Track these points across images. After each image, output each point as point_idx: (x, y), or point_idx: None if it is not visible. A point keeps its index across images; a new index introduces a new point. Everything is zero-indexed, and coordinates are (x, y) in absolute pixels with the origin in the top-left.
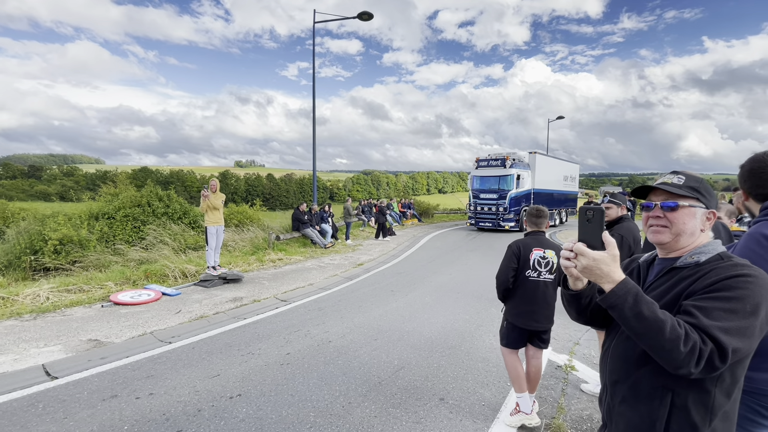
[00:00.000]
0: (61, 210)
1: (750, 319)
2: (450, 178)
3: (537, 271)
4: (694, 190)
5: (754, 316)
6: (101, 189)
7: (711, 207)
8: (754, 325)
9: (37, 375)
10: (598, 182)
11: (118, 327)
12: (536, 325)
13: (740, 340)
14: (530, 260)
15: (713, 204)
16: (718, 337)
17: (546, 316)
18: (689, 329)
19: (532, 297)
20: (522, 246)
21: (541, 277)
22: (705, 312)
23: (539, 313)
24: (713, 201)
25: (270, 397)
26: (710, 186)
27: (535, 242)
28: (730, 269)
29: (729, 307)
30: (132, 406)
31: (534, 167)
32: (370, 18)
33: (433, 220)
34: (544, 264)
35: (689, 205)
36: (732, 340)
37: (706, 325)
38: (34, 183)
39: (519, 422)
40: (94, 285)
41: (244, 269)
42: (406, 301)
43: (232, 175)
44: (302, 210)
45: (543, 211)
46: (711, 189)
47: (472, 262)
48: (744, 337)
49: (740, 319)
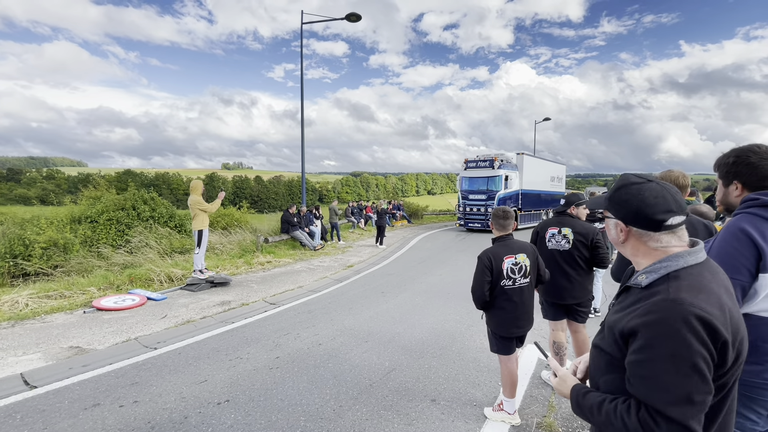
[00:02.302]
0: (41, 214)
1: (681, 377)
2: (439, 180)
3: (512, 279)
4: (607, 200)
5: (687, 372)
6: (82, 192)
7: (619, 217)
8: (689, 382)
9: (16, 384)
10: (584, 182)
11: (101, 333)
12: (518, 331)
13: (688, 406)
14: (503, 270)
15: (623, 214)
16: (668, 414)
17: (527, 320)
18: (631, 409)
19: (512, 305)
20: (492, 256)
21: (516, 284)
22: (634, 378)
23: (520, 318)
24: (623, 211)
25: (259, 402)
26: (623, 195)
27: (505, 249)
28: (647, 310)
29: (651, 372)
30: (115, 414)
31: (522, 168)
32: (358, 19)
33: (422, 221)
34: (517, 270)
35: (607, 216)
36: (683, 411)
37: (642, 398)
38: (14, 186)
39: (500, 419)
40: (76, 290)
41: (232, 272)
42: (397, 303)
43: (219, 178)
44: (291, 212)
45: (509, 213)
46: (627, 198)
47: (461, 262)
48: (689, 403)
49: (676, 380)
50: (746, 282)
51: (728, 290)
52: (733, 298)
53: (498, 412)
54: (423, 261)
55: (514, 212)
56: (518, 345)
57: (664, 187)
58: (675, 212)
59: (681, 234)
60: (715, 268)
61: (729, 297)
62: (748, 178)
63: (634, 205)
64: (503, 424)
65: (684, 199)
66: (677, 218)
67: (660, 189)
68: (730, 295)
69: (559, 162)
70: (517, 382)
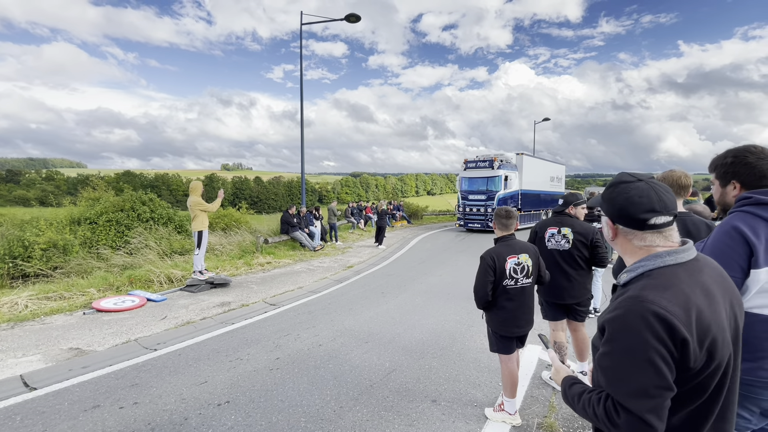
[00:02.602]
0: (40, 215)
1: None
2: (438, 180)
3: (514, 279)
4: (601, 197)
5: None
6: (81, 193)
7: (608, 214)
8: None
9: (15, 386)
10: (583, 183)
11: (100, 335)
12: (519, 331)
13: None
14: (506, 270)
15: (610, 212)
16: (625, 405)
17: (527, 320)
18: (600, 399)
19: (513, 305)
20: (496, 256)
21: (518, 284)
22: (599, 370)
23: (521, 318)
24: (610, 209)
25: (259, 403)
26: (612, 193)
27: (508, 249)
28: (615, 306)
29: (611, 364)
30: (115, 416)
31: (521, 168)
32: (357, 20)
33: (422, 221)
34: (520, 270)
35: (602, 214)
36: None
37: (606, 389)
38: (13, 188)
39: (500, 419)
40: (76, 292)
41: (232, 273)
42: (397, 303)
43: (219, 179)
44: (291, 213)
45: (512, 213)
46: (614, 196)
47: (461, 263)
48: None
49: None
50: (738, 278)
51: (707, 291)
52: (713, 299)
53: (499, 413)
54: (423, 261)
55: (516, 212)
56: (518, 345)
57: (652, 186)
58: (658, 212)
59: (668, 234)
60: (699, 268)
61: (706, 297)
62: (746, 177)
63: (618, 203)
64: (504, 424)
65: (674, 200)
66: (661, 218)
67: (646, 188)
68: (709, 296)
69: (559, 162)
70: (517, 382)
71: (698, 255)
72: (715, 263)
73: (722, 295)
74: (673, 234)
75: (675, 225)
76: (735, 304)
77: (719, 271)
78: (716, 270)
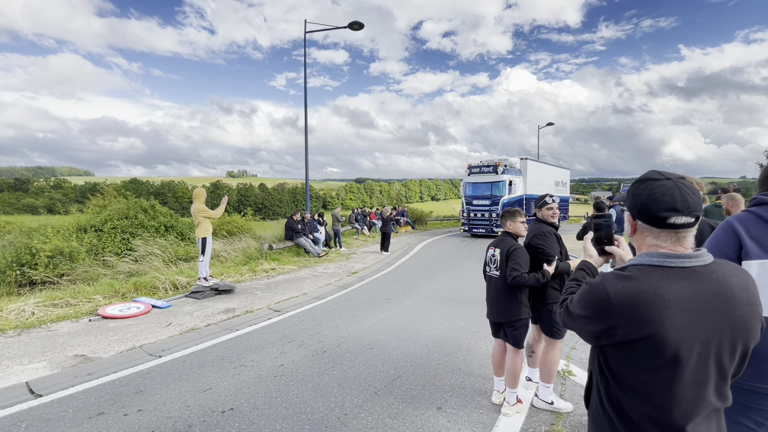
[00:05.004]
0: (47, 223)
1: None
2: (442, 186)
3: (489, 267)
4: (627, 191)
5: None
6: (89, 201)
7: (629, 209)
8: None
9: (21, 393)
10: (588, 187)
11: (106, 341)
12: (491, 317)
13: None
14: (485, 257)
15: (631, 207)
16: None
17: (493, 310)
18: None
19: (488, 290)
20: (488, 246)
21: (489, 273)
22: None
23: (491, 304)
24: (632, 204)
25: (263, 411)
26: (636, 189)
27: (495, 242)
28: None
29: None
30: (120, 423)
31: (525, 173)
32: (360, 28)
33: (426, 227)
34: (492, 261)
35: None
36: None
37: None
38: (21, 196)
39: (515, 412)
40: (82, 299)
41: (237, 280)
42: (401, 309)
43: (224, 186)
44: (295, 219)
45: (504, 212)
46: (638, 192)
47: (466, 268)
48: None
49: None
50: None
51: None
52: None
53: (516, 405)
54: (427, 267)
55: (516, 212)
56: (506, 339)
57: (678, 186)
58: (680, 212)
59: (683, 236)
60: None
61: (693, 303)
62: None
63: (640, 199)
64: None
65: (699, 203)
66: (682, 218)
67: (672, 187)
68: (698, 304)
69: (563, 167)
70: (518, 373)
71: (716, 267)
72: (742, 280)
73: (727, 309)
74: (688, 238)
75: (694, 229)
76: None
77: (742, 286)
78: (733, 285)
